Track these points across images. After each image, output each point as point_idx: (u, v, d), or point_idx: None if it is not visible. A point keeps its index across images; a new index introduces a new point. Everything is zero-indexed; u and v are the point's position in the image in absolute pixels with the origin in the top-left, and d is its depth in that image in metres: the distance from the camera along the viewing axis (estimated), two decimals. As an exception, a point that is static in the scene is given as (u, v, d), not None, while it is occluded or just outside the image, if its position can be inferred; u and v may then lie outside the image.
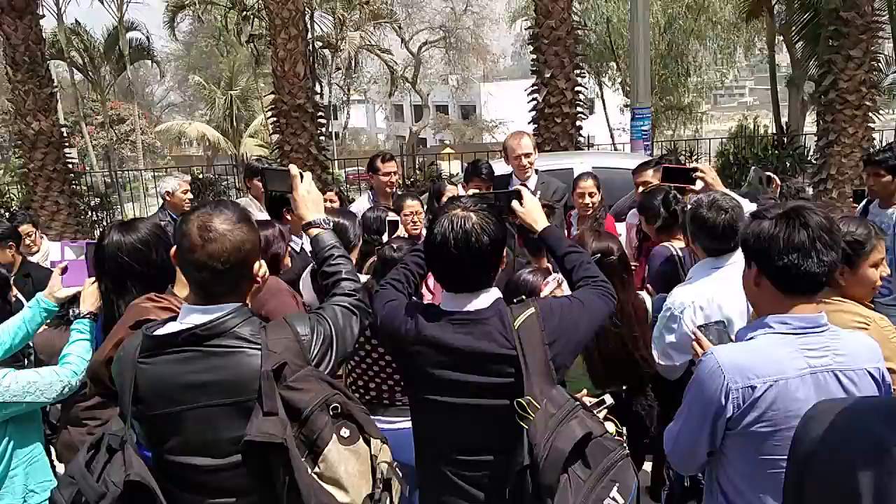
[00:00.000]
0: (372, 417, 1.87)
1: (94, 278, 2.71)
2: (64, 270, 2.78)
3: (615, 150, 16.76)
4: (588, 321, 2.17)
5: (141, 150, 26.08)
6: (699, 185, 3.37)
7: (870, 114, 10.11)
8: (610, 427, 2.23)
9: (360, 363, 3.08)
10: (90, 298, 2.69)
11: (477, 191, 3.23)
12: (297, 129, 9.62)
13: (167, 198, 5.68)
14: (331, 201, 5.42)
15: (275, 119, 9.84)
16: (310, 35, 10.93)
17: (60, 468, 3.09)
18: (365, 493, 1.71)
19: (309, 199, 2.25)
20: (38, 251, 5.61)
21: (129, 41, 24.55)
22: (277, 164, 2.24)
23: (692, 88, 25.10)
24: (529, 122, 10.25)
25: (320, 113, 10.17)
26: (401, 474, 1.81)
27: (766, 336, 1.87)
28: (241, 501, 1.77)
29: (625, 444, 2.14)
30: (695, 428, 1.93)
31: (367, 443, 1.73)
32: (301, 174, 2.29)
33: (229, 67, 28.13)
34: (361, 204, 5.41)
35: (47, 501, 2.54)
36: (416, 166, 13.58)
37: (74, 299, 2.78)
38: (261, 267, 1.93)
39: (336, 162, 11.88)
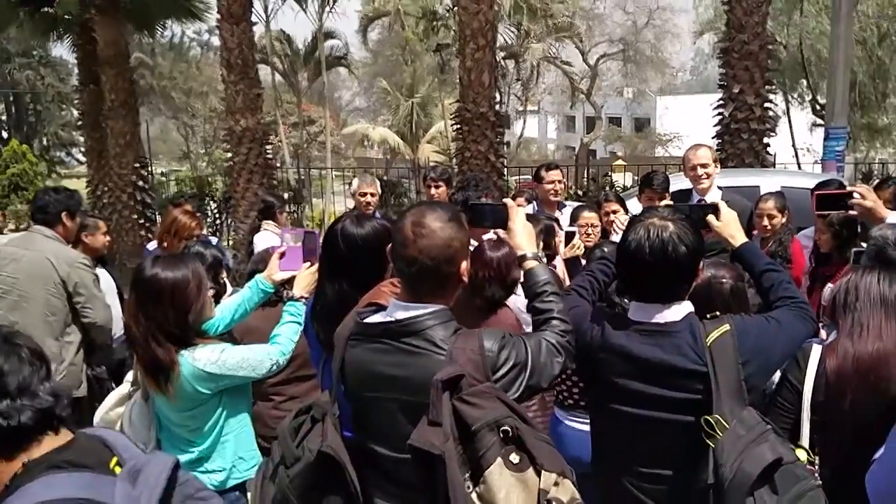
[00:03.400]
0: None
1: (308, 264, 2.92)
2: (282, 255, 3.00)
3: (800, 169, 15.68)
4: (785, 343, 2.10)
5: (328, 150, 27.71)
6: (860, 210, 3.01)
7: None
8: (802, 455, 2.14)
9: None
10: (303, 283, 2.89)
11: (660, 203, 3.17)
12: (478, 136, 9.82)
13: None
14: (519, 205, 5.51)
15: (458, 126, 10.12)
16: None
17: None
18: None
19: (524, 232, 2.21)
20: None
21: (327, 49, 26.23)
22: (488, 200, 2.26)
23: (891, 110, 22.95)
24: (713, 137, 9.85)
25: (499, 122, 10.33)
26: None
27: None
28: (420, 497, 1.79)
29: (816, 475, 2.04)
30: None
31: (538, 474, 1.65)
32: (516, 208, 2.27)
33: (412, 75, 29.25)
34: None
35: (252, 469, 2.80)
36: (590, 177, 13.44)
37: (288, 282, 2.97)
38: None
39: (507, 170, 12.00)
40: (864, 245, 3.34)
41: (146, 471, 1.39)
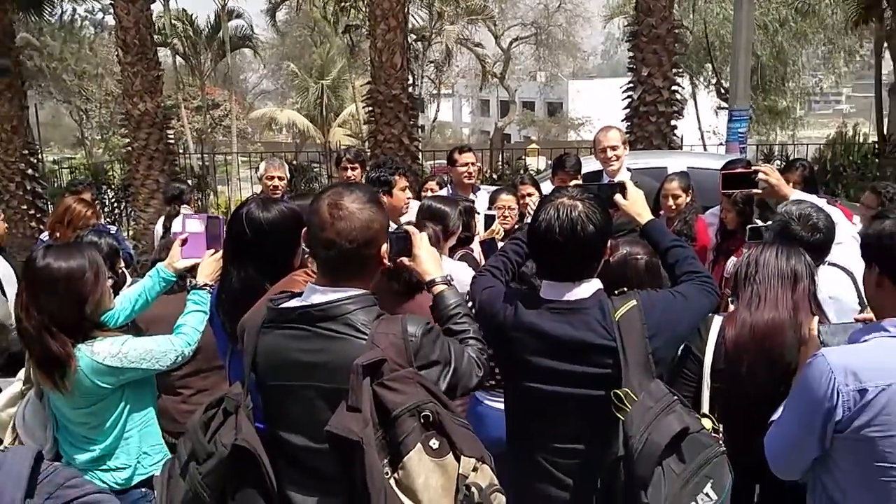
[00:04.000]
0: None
1: (212, 250, 2.82)
2: (184, 242, 2.90)
3: (705, 151, 16.32)
4: (691, 316, 2.17)
5: (234, 134, 26.97)
6: (764, 188, 3.13)
7: (980, 123, 9.54)
8: (707, 423, 2.22)
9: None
10: (207, 270, 2.79)
11: (576, 183, 3.22)
12: (391, 119, 9.76)
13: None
14: (432, 190, 5.50)
15: (370, 109, 10.01)
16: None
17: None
18: None
19: (430, 257, 2.19)
20: None
21: (231, 29, 25.41)
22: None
23: (789, 93, 24.15)
24: (623, 120, 10.11)
25: (413, 104, 10.29)
26: (502, 502, 1.68)
27: (880, 339, 1.82)
28: (337, 487, 1.77)
29: (721, 442, 2.12)
30: (803, 430, 1.89)
31: (458, 459, 1.65)
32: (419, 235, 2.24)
33: (322, 57, 28.73)
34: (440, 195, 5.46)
35: (158, 463, 2.70)
36: (504, 161, 13.58)
37: (192, 270, 2.87)
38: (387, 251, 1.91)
39: (421, 154, 11.99)
40: (759, 222, 3.49)
41: (6, 465, 1.33)
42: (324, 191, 1.92)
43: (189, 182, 9.64)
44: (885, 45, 15.62)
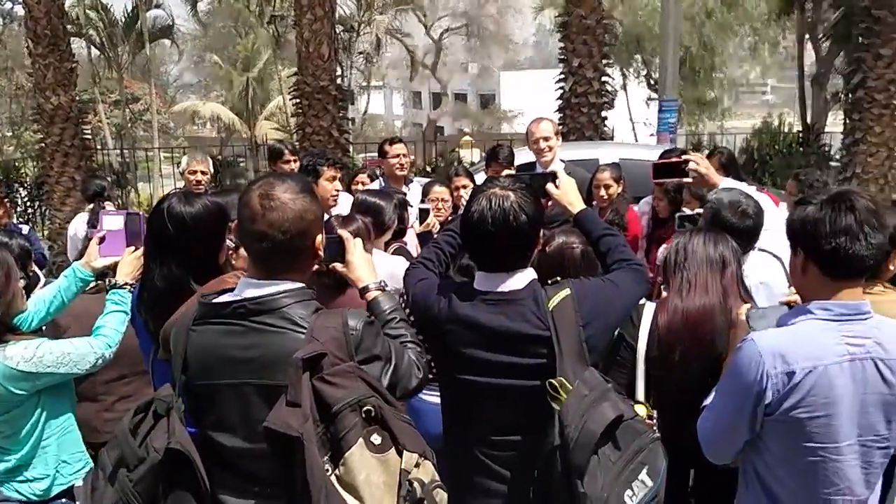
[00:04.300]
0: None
1: (132, 248, 2.72)
2: (102, 240, 2.78)
3: (636, 142, 16.68)
4: (622, 303, 2.18)
5: (156, 129, 26.14)
6: (695, 177, 3.17)
7: (897, 113, 10.00)
8: (641, 410, 2.24)
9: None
10: (127, 269, 2.69)
11: (508, 173, 3.21)
12: (320, 111, 9.62)
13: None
14: (363, 183, 5.42)
15: (297, 100, 9.84)
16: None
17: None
18: None
19: (363, 263, 2.18)
20: None
21: (150, 20, 24.57)
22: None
23: (717, 84, 24.88)
24: (555, 111, 10.22)
25: (342, 96, 10.16)
26: (444, 499, 1.66)
27: (807, 322, 1.87)
28: (274, 491, 1.73)
29: (655, 428, 2.15)
30: (734, 414, 1.92)
31: (400, 454, 1.62)
32: (352, 240, 2.22)
33: (246, 48, 28.09)
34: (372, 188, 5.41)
35: (79, 472, 2.58)
36: (437, 153, 13.56)
37: (112, 269, 2.77)
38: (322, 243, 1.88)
39: (352, 147, 11.88)
40: (687, 211, 3.56)
41: None
42: (254, 181, 1.86)
43: (108, 179, 9.28)
44: (807, 36, 16.27)
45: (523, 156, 5.61)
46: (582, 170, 5.12)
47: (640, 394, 2.46)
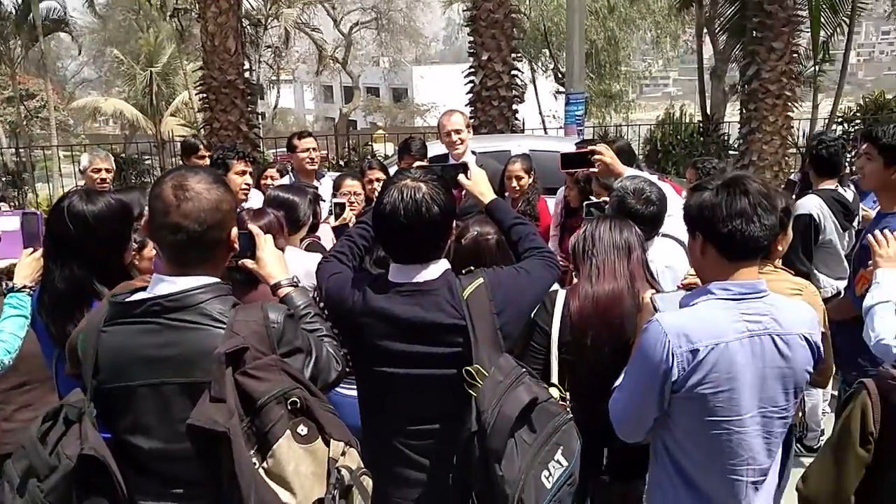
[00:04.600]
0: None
1: (30, 249, 2.59)
2: None
3: (546, 134, 16.98)
4: (534, 290, 2.22)
5: (53, 127, 24.88)
6: (600, 166, 3.23)
7: (789, 103, 10.58)
8: (554, 392, 2.29)
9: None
10: (25, 271, 2.55)
11: (419, 164, 3.21)
12: (227, 105, 9.40)
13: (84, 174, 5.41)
14: (272, 178, 5.32)
15: (204, 95, 9.57)
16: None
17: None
18: (316, 496, 1.59)
19: (274, 259, 2.17)
20: None
21: (43, 11, 23.31)
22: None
23: (622, 77, 25.62)
24: (467, 105, 10.30)
25: (250, 90, 9.95)
26: (370, 485, 1.70)
27: (707, 302, 1.94)
28: (195, 492, 1.70)
29: (568, 409, 2.20)
30: (643, 393, 1.98)
31: (327, 444, 1.64)
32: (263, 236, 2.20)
33: (149, 43, 27.05)
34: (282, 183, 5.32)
35: None
36: (350, 147, 13.45)
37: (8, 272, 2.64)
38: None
39: (263, 142, 11.64)
40: (593, 198, 3.67)
41: None
42: (165, 174, 1.82)
43: (2, 179, 8.79)
44: (706, 30, 16.96)
45: (436, 149, 5.64)
46: (494, 161, 5.20)
47: (555, 378, 2.51)
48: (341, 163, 11.81)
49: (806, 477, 2.07)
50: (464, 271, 2.15)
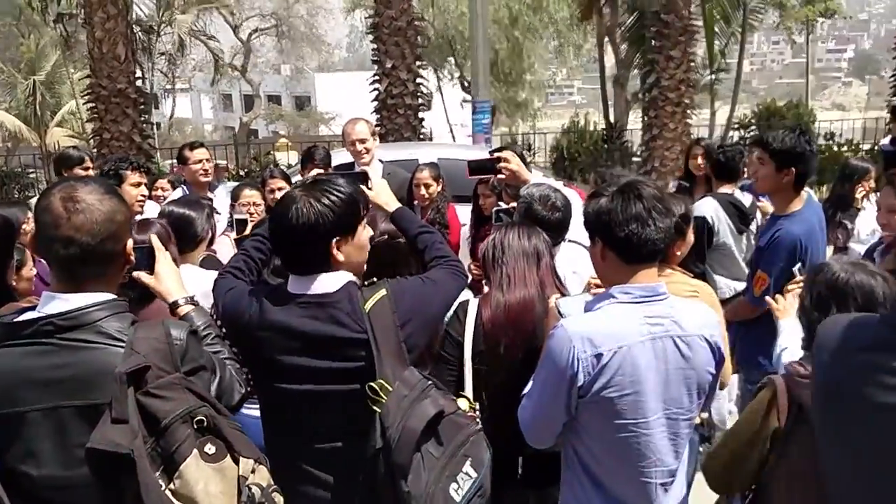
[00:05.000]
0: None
1: None
2: None
3: (454, 142, 17.13)
4: (440, 300, 2.19)
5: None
6: (506, 173, 3.24)
7: (688, 111, 11.05)
8: (463, 404, 2.25)
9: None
10: None
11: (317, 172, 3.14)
12: (118, 115, 9.00)
13: None
14: (162, 189, 5.09)
15: (92, 105, 9.12)
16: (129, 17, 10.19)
17: None
18: None
19: (171, 276, 2.08)
20: None
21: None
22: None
23: (527, 86, 26.10)
24: (372, 113, 10.23)
25: (143, 99, 9.55)
26: (281, 501, 1.68)
27: (610, 306, 1.95)
28: None
29: (478, 420, 2.16)
30: (550, 399, 1.97)
31: (236, 462, 1.60)
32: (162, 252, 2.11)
33: (31, 50, 25.62)
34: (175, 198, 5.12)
35: None
36: (252, 156, 13.11)
37: None
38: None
39: (159, 153, 11.22)
40: (502, 204, 3.67)
41: None
42: (52, 186, 1.72)
43: None
44: (607, 39, 17.50)
45: (342, 157, 5.56)
46: (402, 170, 5.15)
47: (469, 389, 2.47)
48: (242, 173, 11.48)
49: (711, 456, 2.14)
50: (366, 283, 2.09)
